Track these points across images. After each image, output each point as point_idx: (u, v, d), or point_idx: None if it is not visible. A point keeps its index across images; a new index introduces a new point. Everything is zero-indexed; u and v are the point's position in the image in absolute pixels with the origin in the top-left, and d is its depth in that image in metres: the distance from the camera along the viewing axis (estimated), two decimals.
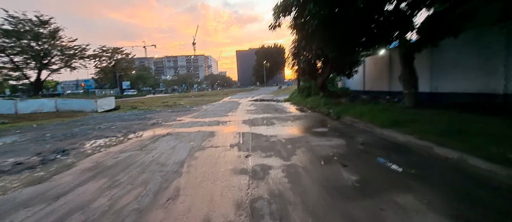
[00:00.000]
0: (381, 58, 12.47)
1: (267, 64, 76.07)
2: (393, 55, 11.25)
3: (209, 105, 18.45)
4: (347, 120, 7.95)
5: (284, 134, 6.53)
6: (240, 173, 3.68)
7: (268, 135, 6.48)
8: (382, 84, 12.36)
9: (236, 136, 6.53)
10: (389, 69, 11.70)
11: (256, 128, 7.60)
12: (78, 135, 7.39)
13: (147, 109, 16.35)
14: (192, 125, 8.70)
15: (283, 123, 8.42)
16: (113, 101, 16.84)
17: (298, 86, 18.37)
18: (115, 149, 5.63)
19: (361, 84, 14.58)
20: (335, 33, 8.81)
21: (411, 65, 7.17)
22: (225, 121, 9.31)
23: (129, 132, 7.76)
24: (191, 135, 6.83)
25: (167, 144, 5.80)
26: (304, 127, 7.70)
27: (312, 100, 13.45)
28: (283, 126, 7.74)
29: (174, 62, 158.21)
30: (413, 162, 3.83)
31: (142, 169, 4.03)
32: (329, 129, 6.89)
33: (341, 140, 5.50)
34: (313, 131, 6.74)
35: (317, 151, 4.67)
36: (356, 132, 6.32)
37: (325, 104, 11.17)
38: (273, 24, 10.07)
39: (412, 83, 7.15)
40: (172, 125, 9.08)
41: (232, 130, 7.48)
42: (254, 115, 10.77)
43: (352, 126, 7.19)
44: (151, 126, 9.00)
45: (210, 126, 8.42)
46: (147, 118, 11.29)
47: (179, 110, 14.75)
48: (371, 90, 13.41)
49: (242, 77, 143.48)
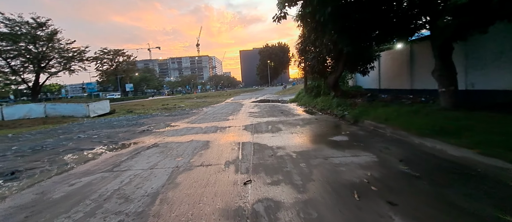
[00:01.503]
0: (400, 52, 11.07)
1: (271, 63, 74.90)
2: (415, 49, 9.86)
3: (210, 107, 17.28)
4: (368, 125, 6.63)
5: (293, 144, 5.26)
6: (234, 218, 2.44)
7: (273, 146, 5.21)
8: (401, 81, 10.96)
9: (235, 148, 5.29)
10: (410, 65, 10.30)
11: (259, 136, 6.35)
12: (48, 148, 6.25)
13: (144, 113, 15.25)
14: (186, 133, 7.49)
15: (291, 128, 7.15)
16: (108, 105, 15.79)
17: (305, 85, 17.05)
18: (80, 169, 4.44)
19: (376, 82, 13.17)
20: (351, 22, 7.52)
21: (449, 58, 5.83)
22: (224, 127, 8.08)
23: (110, 143, 6.59)
24: (181, 147, 5.61)
25: (147, 162, 4.58)
26: (318, 134, 6.41)
27: (322, 100, 12.12)
28: (291, 133, 6.47)
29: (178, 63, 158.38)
30: (505, 197, 2.52)
31: (94, 209, 2.81)
32: (349, 138, 5.59)
33: (369, 154, 4.20)
34: (329, 141, 5.45)
35: (342, 174, 3.39)
36: (385, 142, 5.00)
37: (338, 105, 9.84)
38: (277, 15, 8.81)
39: (451, 79, 5.81)
40: (163, 132, 7.89)
41: (230, 139, 6.24)
42: (257, 119, 9.52)
43: (376, 133, 5.87)
44: (139, 134, 7.83)
45: (206, 133, 7.20)
46: (139, 124, 10.14)
47: (177, 114, 13.59)
48: (388, 88, 12.01)
49: (246, 77, 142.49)
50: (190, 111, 15.00)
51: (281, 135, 6.30)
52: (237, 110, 13.75)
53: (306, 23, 9.58)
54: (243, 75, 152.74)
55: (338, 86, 11.36)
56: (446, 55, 5.82)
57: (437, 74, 6.00)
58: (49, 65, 28.26)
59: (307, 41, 11.10)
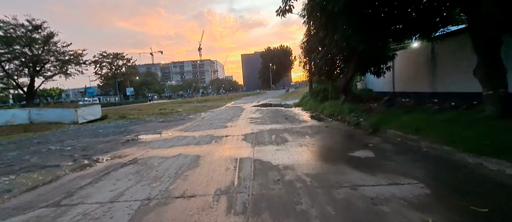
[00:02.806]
0: (418, 51, 9.91)
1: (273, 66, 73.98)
2: (438, 46, 8.70)
3: (208, 112, 16.20)
4: (393, 136, 5.47)
5: (305, 162, 4.11)
6: None
7: (280, 165, 4.07)
8: (421, 84, 9.77)
9: (230, 167, 4.15)
10: (432, 65, 9.13)
11: (261, 149, 5.21)
12: (2, 165, 5.14)
13: (137, 118, 14.19)
14: (175, 144, 6.37)
15: (299, 139, 6.00)
16: (99, 110, 14.74)
17: (310, 89, 15.92)
18: (16, 201, 3.32)
19: (390, 84, 11.99)
20: (368, 15, 6.42)
21: (497, 53, 4.69)
22: (221, 137, 6.95)
23: (82, 158, 5.48)
24: (164, 165, 4.48)
25: (112, 190, 3.46)
26: (333, 147, 5.25)
27: (330, 105, 10.96)
28: (300, 146, 5.32)
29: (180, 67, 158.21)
30: None
31: None
32: (375, 153, 4.43)
33: (414, 181, 3.04)
34: (351, 157, 4.30)
35: (388, 220, 2.24)
36: (424, 160, 3.84)
37: (350, 111, 8.68)
38: (282, 8, 7.73)
39: (500, 79, 4.65)
40: (149, 143, 6.79)
41: (226, 153, 5.11)
42: (259, 126, 8.39)
43: (407, 147, 4.70)
44: (122, 145, 6.72)
45: (198, 145, 6.08)
46: (127, 132, 9.05)
47: (172, 119, 12.50)
48: (404, 91, 10.82)
49: (248, 81, 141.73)
50: (186, 117, 13.91)
51: (288, 148, 5.16)
52: (237, 116, 12.63)
53: (314, 18, 8.49)
54: (245, 79, 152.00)
55: (349, 89, 10.21)
56: (493, 49, 4.67)
57: (482, 73, 4.84)
58: (45, 69, 27.35)
59: (314, 40, 10.01)
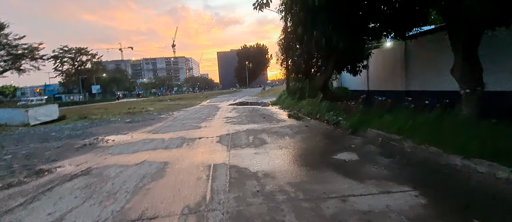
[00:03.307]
0: (392, 50, 10.06)
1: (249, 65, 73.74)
2: (411, 46, 8.84)
3: (182, 111, 15.30)
4: (375, 137, 5.28)
5: (287, 169, 3.71)
6: None
7: (259, 172, 3.62)
8: (394, 82, 9.93)
9: (202, 176, 3.60)
10: (405, 64, 9.29)
11: (238, 153, 4.72)
12: None
13: (100, 118, 12.87)
14: (140, 148, 5.63)
15: (279, 140, 5.61)
16: (56, 110, 13.13)
17: (287, 87, 15.72)
18: None
19: (364, 83, 12.13)
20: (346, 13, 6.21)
21: (475, 51, 4.66)
22: (194, 139, 6.33)
23: (22, 169, 4.55)
24: (122, 177, 3.80)
25: (50, 213, 2.74)
26: (315, 149, 4.92)
27: (308, 104, 10.79)
28: (280, 148, 4.92)
29: (153, 64, 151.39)
30: None
31: None
32: (359, 156, 4.16)
33: (407, 189, 2.76)
34: (335, 161, 3.97)
35: None
36: (413, 164, 3.63)
37: (329, 109, 8.52)
38: (259, 2, 7.24)
39: (478, 78, 4.63)
40: (110, 148, 5.96)
41: (198, 158, 4.54)
42: (235, 127, 7.88)
43: (391, 148, 4.50)
44: (76, 151, 5.81)
45: (167, 149, 5.41)
46: (85, 135, 8.00)
47: (141, 120, 11.49)
48: (379, 90, 10.98)
49: (224, 79, 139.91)
50: (157, 116, 12.93)
51: (268, 152, 4.72)
52: (212, 115, 11.99)
53: (293, 14, 8.17)
54: (220, 77, 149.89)
55: (327, 88, 10.07)
56: (472, 47, 4.64)
57: (460, 72, 4.80)
58: None
59: (293, 37, 9.72)
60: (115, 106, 25.92)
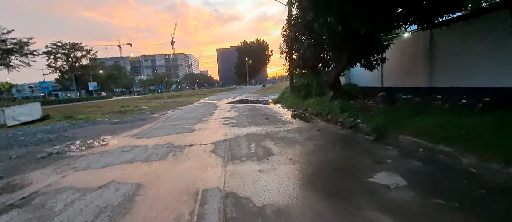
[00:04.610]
0: (413, 41, 8.84)
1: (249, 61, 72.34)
2: (439, 36, 7.64)
3: (177, 110, 14.13)
4: (412, 145, 4.13)
5: (308, 202, 2.56)
6: None
7: (266, 207, 2.47)
8: (415, 78, 8.73)
9: (183, 213, 2.46)
10: (429, 56, 8.08)
11: (237, 170, 3.56)
12: None
13: (86, 118, 11.70)
14: (114, 161, 4.48)
15: (288, 150, 4.46)
16: (38, 109, 11.96)
17: (290, 83, 14.52)
18: None
19: (377, 79, 10.93)
20: None
21: None
22: (183, 147, 5.17)
23: None
24: (71, 211, 2.65)
25: None
26: (338, 165, 3.74)
27: (316, 102, 9.59)
28: (292, 163, 3.77)
29: (152, 61, 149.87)
30: None
31: None
32: (408, 180, 2.98)
33: None
34: (375, 189, 2.81)
35: None
36: (494, 194, 2.47)
37: (342, 109, 7.34)
38: None
39: None
40: (77, 159, 4.80)
41: (183, 180, 3.38)
42: (234, 130, 6.72)
43: (443, 165, 3.34)
44: (34, 163, 4.66)
45: (146, 163, 4.25)
46: (58, 139, 6.85)
47: (129, 120, 10.32)
48: (395, 86, 9.78)
49: (224, 76, 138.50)
50: (149, 116, 11.78)
51: (276, 168, 3.57)
52: (209, 114, 10.82)
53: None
54: (220, 74, 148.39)
55: (339, 84, 8.88)
56: None
57: None
58: None
59: (300, 26, 8.51)
60: (109, 104, 24.76)
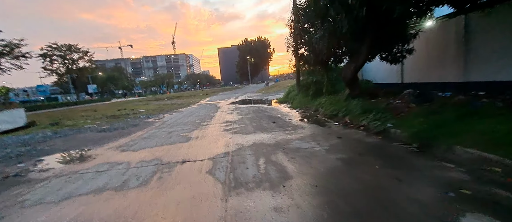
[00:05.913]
0: (443, 29, 7.61)
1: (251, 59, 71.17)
2: (476, 22, 6.46)
3: (175, 113, 13.07)
4: (479, 162, 3.02)
5: None
6: None
7: None
8: (444, 72, 7.57)
9: None
10: (464, 45, 6.90)
11: (243, 208, 2.46)
12: None
13: (74, 125, 10.65)
14: (80, 189, 3.40)
15: (308, 169, 3.34)
16: (22, 115, 10.96)
17: (297, 81, 13.37)
18: None
19: (396, 74, 9.76)
20: None
21: None
22: (173, 165, 4.08)
23: None
24: None
25: None
26: (385, 199, 2.59)
27: (328, 102, 8.45)
28: (318, 194, 2.67)
29: (153, 62, 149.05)
30: None
31: None
32: None
33: None
34: None
35: None
36: None
37: (364, 110, 6.20)
38: None
39: None
40: (37, 184, 3.73)
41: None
42: (237, 138, 5.62)
43: None
44: None
45: (119, 192, 3.17)
46: (28, 153, 5.81)
47: (119, 127, 9.24)
48: (418, 82, 8.62)
49: (225, 75, 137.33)
50: (143, 120, 10.72)
51: (298, 204, 2.47)
52: (209, 118, 9.73)
53: None
54: (222, 73, 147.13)
55: (357, 81, 7.72)
56: None
57: None
58: None
59: (310, 14, 7.34)
60: (106, 107, 23.77)
